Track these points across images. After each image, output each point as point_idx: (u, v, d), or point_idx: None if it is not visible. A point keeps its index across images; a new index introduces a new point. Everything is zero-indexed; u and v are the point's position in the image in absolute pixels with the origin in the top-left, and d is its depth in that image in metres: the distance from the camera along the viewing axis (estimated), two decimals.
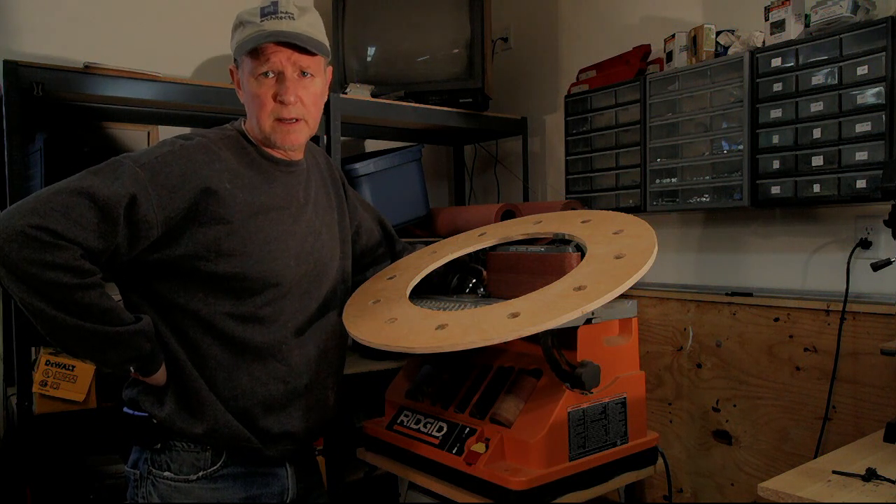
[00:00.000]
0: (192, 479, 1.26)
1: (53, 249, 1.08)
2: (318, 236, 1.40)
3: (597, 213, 1.49)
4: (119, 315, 1.17)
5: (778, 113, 1.92)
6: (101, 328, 1.14)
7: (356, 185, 2.45)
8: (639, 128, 2.27)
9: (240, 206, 1.25)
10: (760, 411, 2.12)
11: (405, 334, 1.19)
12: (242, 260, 1.25)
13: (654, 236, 1.28)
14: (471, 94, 2.60)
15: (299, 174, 1.38)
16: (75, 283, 1.10)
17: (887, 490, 1.24)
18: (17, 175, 1.81)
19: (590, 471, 1.46)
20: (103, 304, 1.14)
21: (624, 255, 1.23)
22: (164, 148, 1.23)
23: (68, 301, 1.10)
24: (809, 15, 1.88)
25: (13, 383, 2.03)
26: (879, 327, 1.85)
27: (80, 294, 1.11)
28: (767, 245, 2.16)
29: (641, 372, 1.59)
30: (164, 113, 2.28)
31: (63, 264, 1.09)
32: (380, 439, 1.64)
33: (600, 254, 1.27)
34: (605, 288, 1.12)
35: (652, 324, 2.41)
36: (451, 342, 1.12)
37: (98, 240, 1.13)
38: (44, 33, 2.27)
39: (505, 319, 1.13)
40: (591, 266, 1.23)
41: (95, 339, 1.15)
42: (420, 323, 1.22)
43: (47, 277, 1.08)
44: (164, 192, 1.18)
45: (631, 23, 2.53)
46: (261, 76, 1.28)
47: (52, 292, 1.09)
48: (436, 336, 1.16)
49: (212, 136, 1.30)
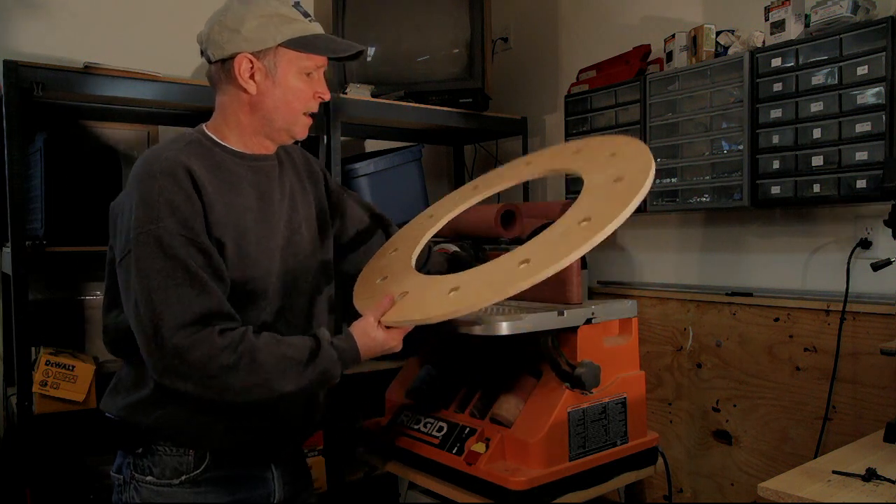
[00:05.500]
0: (175, 484, 1.25)
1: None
2: (298, 231, 1.38)
3: (587, 141, 1.44)
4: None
5: (778, 113, 1.92)
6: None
7: (356, 185, 2.44)
8: (639, 128, 2.27)
9: (219, 214, 1.24)
10: (760, 411, 2.12)
11: (420, 305, 1.18)
12: (230, 263, 1.24)
13: (649, 153, 1.21)
14: (471, 94, 2.60)
15: (270, 169, 1.37)
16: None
17: (887, 490, 1.24)
18: (17, 175, 1.81)
19: (590, 471, 1.46)
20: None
21: (623, 177, 1.18)
22: (154, 184, 1.20)
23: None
24: (809, 15, 1.88)
25: (13, 383, 2.03)
26: (879, 327, 1.85)
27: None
28: (767, 245, 2.15)
29: (641, 372, 1.59)
30: (164, 113, 2.28)
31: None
32: (380, 439, 1.64)
33: (599, 181, 1.22)
34: (611, 213, 1.08)
35: (652, 324, 2.41)
36: (467, 304, 1.10)
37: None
38: (44, 33, 2.27)
39: (516, 268, 1.10)
40: (593, 195, 1.19)
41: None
42: (432, 290, 1.20)
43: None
44: (193, 223, 1.20)
45: (631, 23, 2.53)
46: (304, 74, 1.32)
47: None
48: (450, 300, 1.13)
49: (174, 149, 1.26)
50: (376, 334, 1.25)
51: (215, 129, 1.34)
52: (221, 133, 1.33)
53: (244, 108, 1.31)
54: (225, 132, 1.33)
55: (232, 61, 1.28)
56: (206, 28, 1.31)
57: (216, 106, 1.35)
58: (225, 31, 1.28)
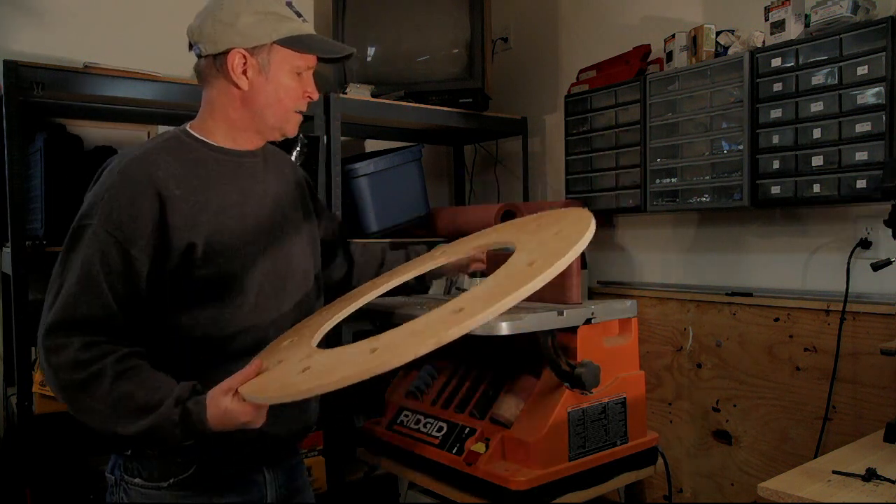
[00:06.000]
0: (164, 486, 1.24)
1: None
2: (284, 231, 1.38)
3: (550, 214, 1.32)
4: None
5: (778, 113, 1.92)
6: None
7: (356, 185, 2.44)
8: (639, 128, 2.27)
9: (184, 215, 1.22)
10: (760, 411, 2.12)
11: (282, 379, 1.07)
12: (213, 261, 1.23)
13: (582, 235, 1.08)
14: (471, 94, 2.60)
15: (254, 166, 1.36)
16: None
17: (887, 490, 1.24)
18: (17, 175, 1.81)
19: (590, 471, 1.46)
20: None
21: (535, 261, 1.06)
22: (106, 181, 1.20)
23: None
24: (809, 15, 1.88)
25: (13, 383, 2.03)
26: (879, 327, 1.85)
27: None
28: (767, 245, 2.15)
29: (641, 372, 1.59)
30: (164, 113, 2.28)
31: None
32: (380, 439, 1.64)
33: (514, 262, 1.12)
34: (484, 305, 0.96)
35: (652, 324, 2.41)
36: (295, 391, 1.01)
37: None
38: (44, 33, 2.27)
39: (367, 354, 1.00)
40: (496, 279, 1.08)
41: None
42: (296, 365, 1.09)
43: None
44: (127, 228, 1.17)
45: (631, 23, 2.53)
46: (295, 73, 1.32)
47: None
48: (304, 377, 1.03)
49: (147, 148, 1.26)
50: (228, 405, 1.10)
51: (201, 126, 1.32)
52: (207, 129, 1.32)
53: (234, 102, 1.30)
54: (211, 127, 1.32)
55: (225, 56, 1.27)
56: (197, 21, 1.30)
57: (203, 101, 1.33)
58: (219, 26, 1.26)
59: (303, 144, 2.17)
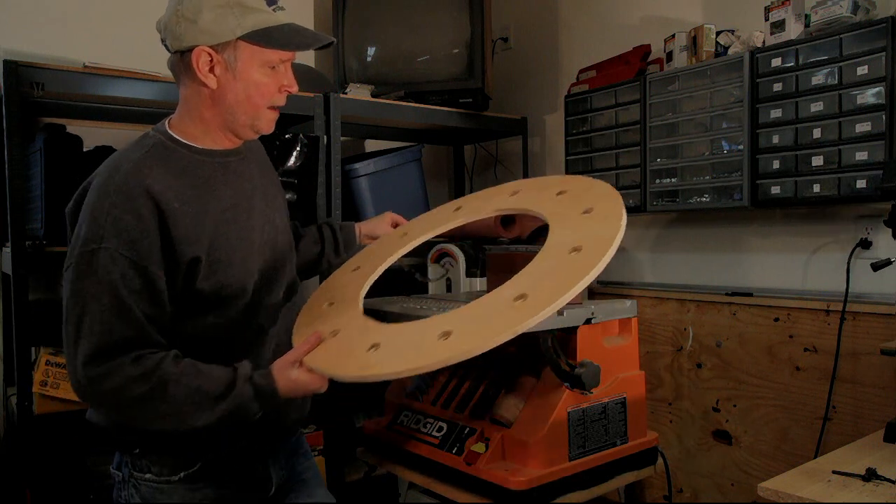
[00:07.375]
0: (174, 480, 1.25)
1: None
2: (273, 223, 1.37)
3: (574, 181, 1.35)
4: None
5: (778, 113, 1.92)
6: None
7: (356, 185, 2.44)
8: (639, 128, 2.27)
9: (187, 227, 1.20)
10: (760, 411, 2.12)
11: (338, 358, 1.11)
12: (216, 273, 1.23)
13: (620, 220, 1.11)
14: (471, 94, 2.60)
15: (239, 163, 1.33)
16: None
17: (887, 490, 1.24)
18: (17, 175, 1.81)
19: (590, 471, 1.46)
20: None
21: (581, 247, 1.07)
22: (105, 201, 1.16)
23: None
24: (809, 15, 1.88)
25: (13, 383, 2.03)
26: (879, 327, 1.85)
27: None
28: (767, 245, 2.15)
29: (641, 372, 1.59)
30: (164, 113, 2.25)
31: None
32: (380, 439, 1.64)
33: (557, 245, 1.12)
34: (549, 296, 0.97)
35: (652, 324, 2.41)
36: (379, 370, 1.03)
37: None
38: (44, 33, 2.27)
39: (435, 341, 1.02)
40: (544, 263, 1.10)
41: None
42: (355, 340, 1.13)
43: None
44: (140, 246, 1.15)
45: (631, 23, 2.53)
46: (268, 67, 1.25)
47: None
48: (368, 360, 1.06)
49: (134, 159, 1.21)
50: (297, 376, 1.18)
51: (180, 127, 1.28)
52: (186, 130, 1.27)
53: (206, 102, 1.25)
54: (190, 128, 1.27)
55: (190, 54, 1.21)
56: (165, 15, 1.24)
57: (180, 99, 1.29)
58: (182, 22, 1.20)
59: (303, 144, 2.18)
